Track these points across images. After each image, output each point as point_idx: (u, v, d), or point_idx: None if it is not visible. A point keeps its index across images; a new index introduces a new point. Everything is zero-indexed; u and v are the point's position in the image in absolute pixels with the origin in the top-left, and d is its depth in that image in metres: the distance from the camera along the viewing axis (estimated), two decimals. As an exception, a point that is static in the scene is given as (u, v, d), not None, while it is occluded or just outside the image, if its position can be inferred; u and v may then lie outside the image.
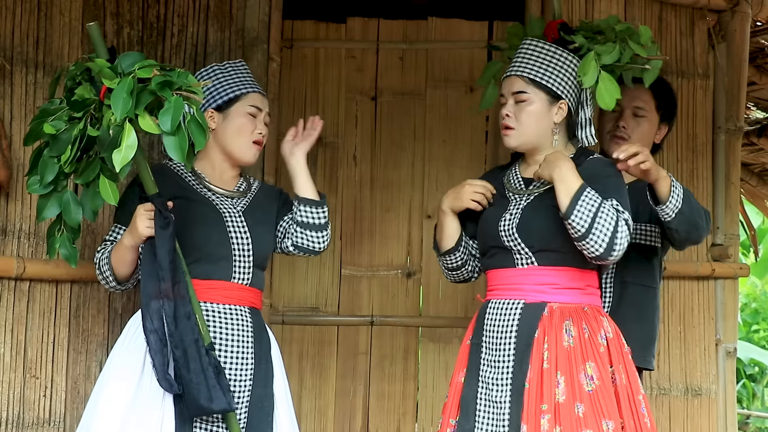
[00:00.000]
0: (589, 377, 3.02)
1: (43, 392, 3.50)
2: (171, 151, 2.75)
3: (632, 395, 3.08)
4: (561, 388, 3.02)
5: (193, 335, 2.96)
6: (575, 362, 3.04)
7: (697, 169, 4.47)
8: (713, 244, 4.49)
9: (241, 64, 3.36)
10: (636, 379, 3.11)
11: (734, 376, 4.51)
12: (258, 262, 3.23)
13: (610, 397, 3.02)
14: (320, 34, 4.55)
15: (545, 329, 3.09)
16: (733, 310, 4.55)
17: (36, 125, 2.86)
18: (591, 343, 3.06)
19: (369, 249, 4.51)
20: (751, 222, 6.89)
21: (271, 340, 3.25)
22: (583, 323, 3.08)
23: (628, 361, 3.11)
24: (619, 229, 3.00)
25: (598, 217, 2.99)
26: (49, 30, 3.58)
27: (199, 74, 3.29)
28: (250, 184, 3.37)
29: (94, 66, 2.80)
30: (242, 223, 3.23)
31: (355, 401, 4.49)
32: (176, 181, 3.24)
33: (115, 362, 3.08)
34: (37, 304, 3.50)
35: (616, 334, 3.13)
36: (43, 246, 3.49)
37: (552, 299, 3.13)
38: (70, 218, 2.88)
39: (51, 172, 2.84)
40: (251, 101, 3.28)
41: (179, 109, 2.73)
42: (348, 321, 4.50)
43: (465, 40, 4.56)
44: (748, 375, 10.88)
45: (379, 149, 4.54)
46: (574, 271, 3.14)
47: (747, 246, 10.08)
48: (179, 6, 3.76)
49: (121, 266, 3.11)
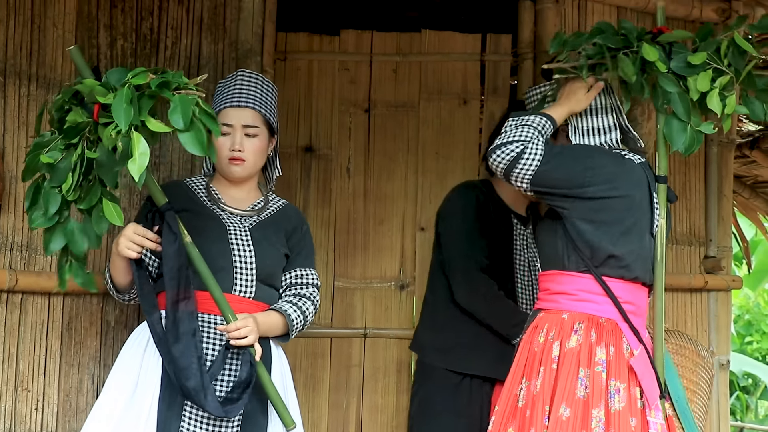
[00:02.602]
0: (535, 384, 3.07)
1: (35, 405, 3.49)
2: (190, 146, 2.73)
3: (585, 406, 3.01)
4: (522, 393, 3.11)
5: (196, 352, 2.96)
6: (535, 368, 3.10)
7: (689, 182, 4.48)
8: (706, 256, 4.49)
9: (232, 76, 3.34)
10: (598, 391, 3.03)
11: (727, 388, 4.52)
12: (262, 277, 3.21)
13: (540, 405, 3.03)
14: (314, 46, 4.56)
15: (527, 335, 3.19)
16: (726, 322, 4.56)
17: (32, 159, 2.84)
18: (549, 351, 3.09)
19: (362, 261, 4.51)
20: (744, 234, 6.90)
21: (273, 353, 3.23)
22: (553, 331, 3.11)
23: (593, 373, 3.04)
24: None
25: None
26: (43, 42, 3.57)
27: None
28: (268, 203, 3.35)
29: (84, 87, 2.79)
30: (247, 238, 3.22)
31: (348, 414, 4.48)
32: (188, 196, 3.25)
33: (109, 378, 3.13)
34: (29, 317, 3.49)
35: (592, 345, 3.07)
36: (36, 258, 3.49)
37: (543, 306, 3.20)
38: (75, 248, 2.86)
39: (54, 203, 2.82)
40: (222, 118, 3.24)
41: (186, 104, 2.73)
42: (341, 333, 4.49)
43: (458, 53, 4.57)
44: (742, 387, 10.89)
45: (373, 161, 4.54)
46: (563, 275, 3.16)
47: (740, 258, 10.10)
48: (173, 18, 3.77)
49: (117, 275, 3.12)
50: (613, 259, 3.13)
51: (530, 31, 4.30)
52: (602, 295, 3.14)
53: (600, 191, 3.12)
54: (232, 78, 3.33)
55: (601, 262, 3.13)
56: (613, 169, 3.16)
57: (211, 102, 3.31)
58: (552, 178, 3.11)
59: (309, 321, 3.27)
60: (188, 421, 3.04)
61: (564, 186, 3.12)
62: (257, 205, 3.33)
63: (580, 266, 3.14)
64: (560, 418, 2.99)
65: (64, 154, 2.81)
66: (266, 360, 3.18)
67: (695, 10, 4.43)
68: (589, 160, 3.15)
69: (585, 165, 3.13)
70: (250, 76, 3.33)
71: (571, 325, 3.10)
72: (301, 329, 3.25)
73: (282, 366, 3.28)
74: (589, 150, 3.22)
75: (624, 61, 3.11)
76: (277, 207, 3.37)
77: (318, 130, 4.54)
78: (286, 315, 3.18)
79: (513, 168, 3.10)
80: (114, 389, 3.10)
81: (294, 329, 3.21)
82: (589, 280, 3.14)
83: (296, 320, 3.21)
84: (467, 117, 4.51)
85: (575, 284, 3.15)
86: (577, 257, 3.13)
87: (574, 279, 3.15)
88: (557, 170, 3.11)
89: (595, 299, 3.14)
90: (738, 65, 3.16)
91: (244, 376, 3.03)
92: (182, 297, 2.99)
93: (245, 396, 3.02)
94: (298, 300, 3.26)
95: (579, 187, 3.11)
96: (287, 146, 4.44)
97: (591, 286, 3.14)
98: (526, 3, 4.30)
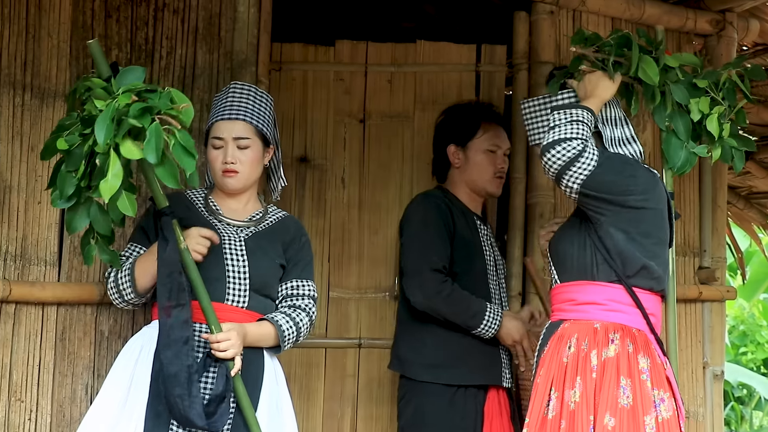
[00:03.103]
0: (573, 395, 3.03)
1: (28, 416, 3.47)
2: (164, 179, 2.75)
3: (633, 416, 3.02)
4: (552, 404, 3.05)
5: (187, 360, 2.95)
6: (567, 379, 3.05)
7: (684, 192, 4.49)
8: (700, 267, 4.50)
9: (225, 89, 3.36)
10: (646, 400, 3.04)
11: (722, 398, 4.51)
12: (255, 287, 3.21)
13: (585, 415, 3.00)
14: (309, 56, 4.56)
15: (553, 346, 3.13)
16: (720, 332, 4.56)
17: (52, 140, 2.87)
18: (585, 361, 3.06)
19: (357, 271, 4.50)
20: (739, 245, 6.92)
21: (266, 364, 3.22)
22: (585, 340, 3.08)
23: (638, 381, 3.05)
24: None
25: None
26: (37, 52, 3.57)
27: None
28: (267, 215, 3.35)
29: (91, 84, 2.81)
30: (241, 248, 3.22)
31: (342, 424, 4.47)
32: (186, 206, 3.26)
33: (102, 388, 3.15)
34: (23, 327, 3.48)
35: (631, 354, 3.07)
36: (29, 268, 3.49)
37: (568, 316, 3.16)
38: (100, 227, 2.88)
39: (70, 186, 2.84)
40: (213, 132, 3.27)
41: (160, 137, 2.72)
42: (336, 343, 4.48)
43: (453, 63, 4.57)
44: (737, 398, 10.89)
45: (368, 171, 4.54)
46: (593, 285, 3.14)
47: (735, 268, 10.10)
48: (168, 28, 3.77)
49: (145, 278, 3.13)
50: (646, 270, 3.14)
51: (525, 42, 4.31)
52: (632, 306, 3.14)
53: (638, 201, 3.12)
54: (225, 91, 3.35)
55: (635, 272, 3.13)
56: (648, 181, 3.17)
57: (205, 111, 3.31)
58: (603, 181, 3.08)
59: (304, 333, 3.26)
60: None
61: (610, 191, 3.10)
62: (255, 216, 3.33)
63: (610, 276, 3.13)
64: (606, 427, 2.98)
65: (80, 141, 2.81)
66: (258, 371, 3.17)
67: (689, 22, 4.44)
68: (630, 168, 3.17)
69: (629, 173, 3.14)
70: (242, 87, 3.34)
71: (604, 334, 3.08)
72: (294, 341, 3.24)
73: (276, 376, 3.27)
74: (630, 159, 3.23)
75: (649, 63, 3.13)
76: (276, 218, 3.37)
77: (313, 140, 4.54)
78: (278, 326, 3.18)
79: (570, 167, 3.06)
80: (105, 400, 3.11)
81: (286, 341, 3.20)
82: (620, 291, 3.14)
83: (288, 332, 3.20)
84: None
85: (605, 294, 3.13)
86: (607, 267, 3.12)
87: (605, 289, 3.13)
88: (607, 174, 3.09)
89: (625, 309, 3.13)
90: (731, 100, 3.26)
91: (219, 390, 3.01)
92: (174, 304, 2.98)
93: (222, 409, 3.00)
94: (292, 311, 3.25)
95: (621, 194, 3.11)
96: (282, 156, 4.43)
97: (621, 297, 3.14)
98: (521, 14, 4.31)
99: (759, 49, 5.00)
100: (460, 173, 3.93)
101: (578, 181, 3.07)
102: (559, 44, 4.27)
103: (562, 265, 3.23)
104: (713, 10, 4.49)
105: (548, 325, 3.25)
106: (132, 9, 3.72)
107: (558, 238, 3.29)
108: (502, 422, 3.75)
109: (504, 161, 3.96)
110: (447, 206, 3.81)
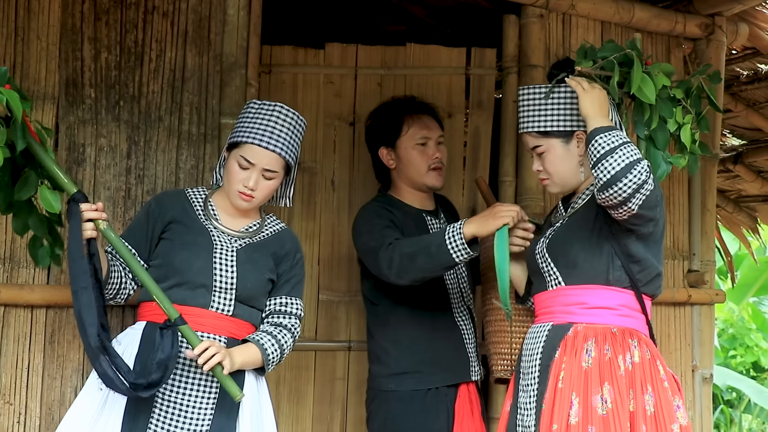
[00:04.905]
0: (603, 400, 2.99)
1: (17, 419, 3.47)
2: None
3: (660, 424, 3.02)
4: (574, 410, 3.00)
5: (84, 281, 2.96)
6: (591, 384, 3.02)
7: (673, 196, 4.50)
8: (689, 270, 4.51)
9: (268, 106, 3.27)
10: (669, 408, 3.05)
11: (710, 402, 4.52)
12: (242, 298, 3.20)
13: (622, 422, 2.98)
14: (299, 59, 4.56)
15: (566, 349, 3.08)
16: (710, 336, 4.57)
17: None
18: (610, 365, 3.03)
19: (347, 274, 4.50)
20: (728, 248, 6.93)
21: (248, 373, 3.21)
22: (607, 345, 3.06)
23: (661, 389, 3.06)
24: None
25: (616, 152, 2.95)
26: (26, 55, 3.57)
27: (244, 109, 3.31)
28: (264, 226, 3.34)
29: None
30: (231, 258, 3.20)
31: (332, 427, 4.47)
32: (183, 207, 3.24)
33: (82, 389, 3.17)
34: (11, 330, 3.47)
35: (650, 361, 3.08)
36: (18, 271, 3.49)
37: (579, 320, 3.12)
38: (47, 204, 2.92)
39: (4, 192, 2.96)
40: (246, 152, 3.20)
41: None
42: (325, 346, 4.48)
43: (443, 66, 4.57)
44: (726, 401, 10.90)
45: (358, 174, 4.54)
46: (606, 290, 3.12)
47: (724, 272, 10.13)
48: (157, 31, 3.77)
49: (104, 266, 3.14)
50: (658, 277, 3.16)
51: (515, 45, 4.31)
52: (639, 312, 3.15)
53: (660, 211, 3.11)
54: (268, 110, 3.27)
55: (650, 279, 3.14)
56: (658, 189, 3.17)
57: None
58: (654, 198, 3.01)
59: (287, 353, 3.25)
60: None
61: (656, 207, 3.05)
62: (252, 226, 3.32)
63: (623, 282, 3.12)
64: None
65: None
66: (238, 377, 3.15)
67: (679, 25, 4.46)
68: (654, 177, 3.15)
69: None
70: (287, 115, 3.27)
71: (623, 339, 3.07)
72: (278, 362, 3.23)
73: (259, 389, 3.25)
74: None
75: (647, 82, 3.13)
76: (273, 231, 3.36)
77: (303, 143, 4.53)
78: (263, 350, 3.17)
79: (642, 187, 2.93)
80: (84, 400, 3.13)
81: (270, 364, 3.20)
82: (630, 297, 3.13)
83: (272, 355, 3.19)
84: (452, 130, 4.50)
85: (618, 299, 3.12)
86: (623, 273, 3.11)
87: (618, 294, 3.12)
88: (657, 189, 3.03)
89: (634, 315, 3.14)
90: (697, 108, 3.28)
91: (163, 356, 3.01)
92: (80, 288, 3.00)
93: (161, 377, 3.00)
94: (278, 332, 3.24)
95: (658, 206, 3.08)
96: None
97: (631, 302, 3.14)
98: (510, 17, 4.32)
99: (748, 53, 5.02)
100: (397, 174, 3.89)
101: (642, 200, 2.96)
102: (549, 47, 4.27)
103: (571, 269, 3.16)
104: (702, 14, 4.50)
105: (551, 326, 3.18)
106: (121, 12, 3.72)
107: (564, 242, 3.20)
108: (473, 420, 3.72)
109: (437, 150, 3.86)
110: (387, 210, 3.76)
